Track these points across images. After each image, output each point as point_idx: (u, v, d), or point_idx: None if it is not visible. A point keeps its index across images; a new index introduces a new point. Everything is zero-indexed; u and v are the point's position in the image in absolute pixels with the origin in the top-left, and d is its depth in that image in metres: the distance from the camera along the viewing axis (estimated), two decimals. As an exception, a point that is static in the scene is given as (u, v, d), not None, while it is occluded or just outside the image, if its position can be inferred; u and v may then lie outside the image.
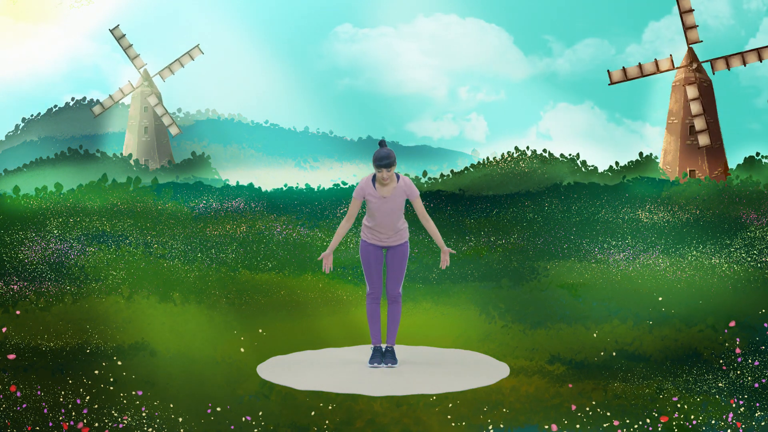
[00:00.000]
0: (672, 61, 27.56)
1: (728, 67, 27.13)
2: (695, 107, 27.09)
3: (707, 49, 27.73)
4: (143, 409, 7.11)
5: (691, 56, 27.72)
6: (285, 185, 24.41)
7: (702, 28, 27.01)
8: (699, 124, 26.98)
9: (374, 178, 8.43)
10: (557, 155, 29.41)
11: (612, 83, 27.51)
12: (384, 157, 8.23)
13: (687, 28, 27.25)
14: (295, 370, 8.45)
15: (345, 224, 8.53)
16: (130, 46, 34.44)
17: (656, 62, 27.44)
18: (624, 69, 27.19)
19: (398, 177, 8.42)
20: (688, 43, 27.43)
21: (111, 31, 34.18)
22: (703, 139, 26.97)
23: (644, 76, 27.46)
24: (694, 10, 27.10)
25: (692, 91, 27.25)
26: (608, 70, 27.33)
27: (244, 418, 6.94)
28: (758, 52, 26.84)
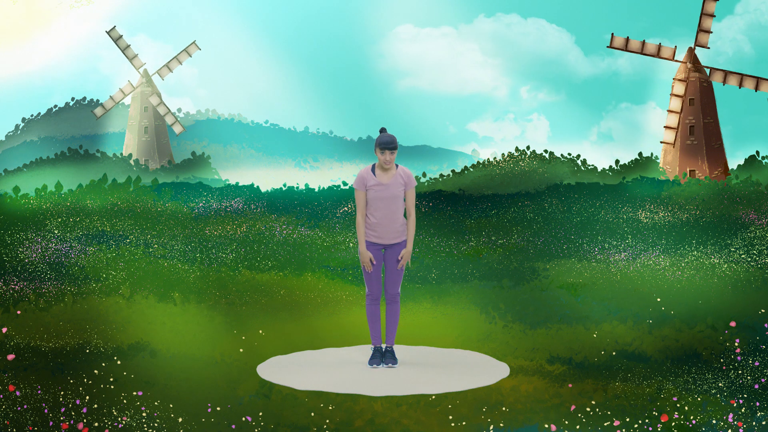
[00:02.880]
0: (674, 52, 27.56)
1: (724, 82, 27.29)
2: (674, 103, 27.33)
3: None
4: (143, 409, 7.11)
5: (692, 56, 27.72)
6: (285, 185, 24.41)
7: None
8: (670, 120, 27.33)
9: (373, 168, 8.55)
10: (558, 155, 29.39)
11: (610, 47, 27.67)
12: (389, 141, 8.41)
13: (701, 30, 27.27)
14: (295, 370, 8.45)
15: (360, 218, 8.54)
16: (128, 46, 34.42)
17: (659, 46, 27.50)
18: (627, 38, 27.27)
19: (397, 166, 8.58)
20: (695, 43, 27.44)
21: (108, 32, 34.16)
22: (668, 136, 27.40)
23: (643, 53, 27.55)
24: (715, 16, 27.15)
25: (679, 88, 27.42)
26: (612, 33, 27.47)
27: (244, 418, 6.94)
28: (757, 80, 26.90)
